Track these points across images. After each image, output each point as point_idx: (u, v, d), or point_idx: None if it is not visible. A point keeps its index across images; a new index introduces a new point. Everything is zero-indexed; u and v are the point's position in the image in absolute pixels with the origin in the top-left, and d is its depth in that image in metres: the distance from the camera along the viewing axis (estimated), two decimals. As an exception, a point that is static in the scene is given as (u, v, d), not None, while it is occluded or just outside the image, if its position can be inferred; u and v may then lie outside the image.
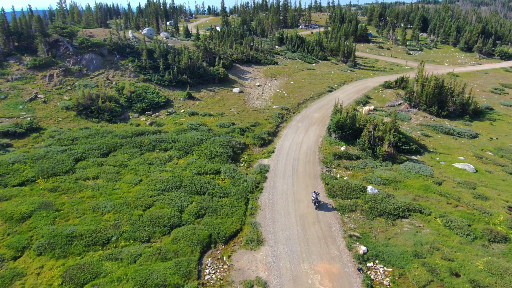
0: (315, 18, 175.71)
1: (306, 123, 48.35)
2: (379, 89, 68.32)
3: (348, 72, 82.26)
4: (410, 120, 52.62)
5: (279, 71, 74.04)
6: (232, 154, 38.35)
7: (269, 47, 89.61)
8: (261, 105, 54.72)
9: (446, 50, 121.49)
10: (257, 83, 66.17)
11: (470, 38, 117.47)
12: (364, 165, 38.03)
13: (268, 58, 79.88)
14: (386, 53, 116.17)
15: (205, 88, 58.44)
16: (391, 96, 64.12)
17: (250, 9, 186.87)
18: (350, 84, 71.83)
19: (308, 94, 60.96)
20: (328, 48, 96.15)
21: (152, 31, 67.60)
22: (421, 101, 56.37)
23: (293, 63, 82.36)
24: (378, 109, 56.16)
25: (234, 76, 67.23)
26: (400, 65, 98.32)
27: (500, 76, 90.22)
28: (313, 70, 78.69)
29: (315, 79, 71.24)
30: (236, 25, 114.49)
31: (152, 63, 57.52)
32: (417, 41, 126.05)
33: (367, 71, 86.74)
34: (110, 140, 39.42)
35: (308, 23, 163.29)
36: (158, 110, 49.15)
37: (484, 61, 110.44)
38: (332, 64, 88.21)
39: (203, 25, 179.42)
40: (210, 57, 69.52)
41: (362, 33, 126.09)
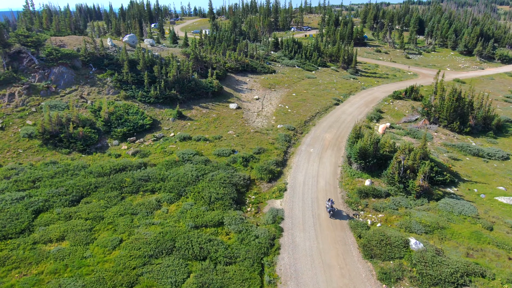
0: (306, 20, 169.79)
1: (318, 147, 41.42)
2: (388, 100, 62.17)
3: (351, 81, 76.00)
4: (432, 139, 46.44)
5: (278, 81, 67.03)
6: (236, 194, 31.04)
7: (265, 53, 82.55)
8: (263, 124, 47.54)
9: (445, 54, 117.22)
10: (255, 96, 58.98)
11: (469, 41, 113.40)
12: (397, 204, 31.37)
13: (264, 66, 72.79)
14: (385, 57, 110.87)
15: (197, 104, 50.87)
16: (404, 109, 58.01)
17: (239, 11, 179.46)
18: (357, 94, 65.47)
19: (313, 109, 54.14)
20: (327, 54, 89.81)
21: (134, 38, 59.49)
22: (441, 117, 50.35)
23: (292, 71, 75.52)
24: (394, 126, 49.83)
25: (229, 89, 59.84)
26: (402, 70, 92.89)
27: (507, 82, 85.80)
28: (314, 79, 72.05)
29: (318, 90, 64.56)
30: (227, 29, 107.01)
31: (135, 76, 49.57)
32: (415, 45, 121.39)
33: (370, 79, 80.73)
34: (82, 180, 31.50)
35: (300, 26, 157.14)
36: (143, 135, 41.35)
37: (485, 65, 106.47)
38: (333, 72, 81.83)
39: (190, 27, 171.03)
40: (201, 67, 61.93)
41: (358, 36, 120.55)
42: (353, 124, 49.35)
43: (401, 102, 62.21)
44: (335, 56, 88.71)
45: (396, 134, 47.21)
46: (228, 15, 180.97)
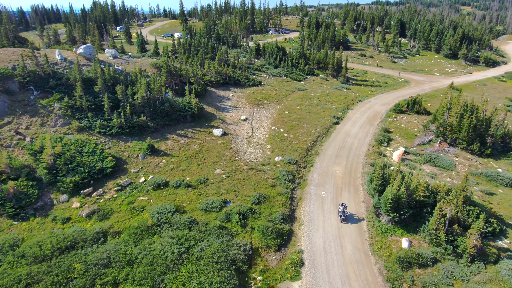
0: (284, 22, 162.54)
1: (330, 188, 33.12)
2: (391, 115, 55.24)
3: (345, 91, 68.74)
4: (456, 166, 39.57)
5: (265, 95, 58.35)
6: (236, 280, 21.99)
7: (247, 61, 73.58)
8: (256, 156, 38.64)
9: (430, 57, 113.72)
10: (242, 115, 49.96)
11: (454, 44, 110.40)
12: (450, 276, 23.66)
13: (249, 77, 63.85)
14: (370, 61, 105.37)
15: (173, 132, 41.10)
16: (412, 126, 51.18)
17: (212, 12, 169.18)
18: (355, 109, 58.08)
19: (312, 131, 45.92)
20: (314, 60, 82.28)
21: (91, 49, 48.41)
22: (459, 137, 43.74)
23: (280, 82, 67.11)
24: (409, 150, 42.61)
25: (211, 107, 50.44)
26: (392, 77, 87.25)
27: (500, 88, 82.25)
28: (305, 91, 64.02)
29: (312, 105, 56.53)
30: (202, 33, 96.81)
31: (92, 100, 39.02)
32: (399, 48, 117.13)
33: (362, 88, 73.99)
34: (7, 273, 21.19)
35: (278, 28, 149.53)
36: (103, 183, 31.21)
37: (472, 68, 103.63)
38: (323, 81, 74.32)
39: (160, 30, 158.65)
40: (176, 82, 52.08)
41: (340, 40, 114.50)
42: (362, 150, 41.63)
43: (405, 117, 55.48)
44: (323, 63, 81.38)
45: (414, 162, 39.93)
46: (200, 17, 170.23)
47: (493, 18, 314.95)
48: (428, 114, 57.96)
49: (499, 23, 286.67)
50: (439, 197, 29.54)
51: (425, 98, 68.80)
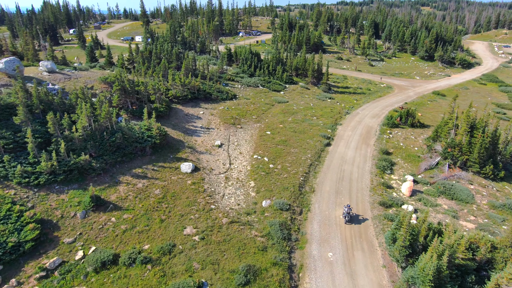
0: (254, 24, 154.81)
1: (338, 246, 25.39)
2: (386, 131, 48.85)
3: (329, 102, 61.90)
4: (474, 198, 33.39)
5: (242, 111, 49.93)
6: None
7: (218, 70, 64.69)
8: (238, 201, 30.20)
9: (407, 59, 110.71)
10: (216, 139, 41.24)
11: (430, 46, 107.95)
12: None
13: (221, 89, 55.10)
14: (348, 65, 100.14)
15: (128, 171, 31.65)
16: (411, 144, 44.91)
17: (177, 13, 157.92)
18: (344, 124, 51.19)
19: (302, 157, 38.16)
20: (292, 67, 74.95)
21: (15, 63, 37.26)
22: (470, 160, 37.83)
23: (257, 94, 58.93)
24: (418, 179, 36.01)
25: (178, 131, 41.25)
26: (373, 82, 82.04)
27: (483, 92, 79.45)
28: (287, 104, 56.32)
29: (296, 121, 48.88)
30: (166, 38, 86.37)
31: (11, 136, 28.66)
32: (375, 50, 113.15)
33: (346, 96, 67.67)
34: None
35: (249, 30, 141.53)
36: (19, 267, 21.39)
37: (449, 70, 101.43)
38: (303, 90, 67.08)
39: (120, 33, 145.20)
40: (132, 101, 42.37)
41: (315, 42, 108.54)
42: (364, 181, 34.45)
43: (400, 131, 49.30)
44: (302, 70, 74.28)
45: (427, 194, 33.28)
46: (164, 18, 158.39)
47: (452, 18, 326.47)
48: (423, 126, 52.38)
49: (459, 23, 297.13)
50: (480, 255, 22.78)
51: (413, 107, 63.57)
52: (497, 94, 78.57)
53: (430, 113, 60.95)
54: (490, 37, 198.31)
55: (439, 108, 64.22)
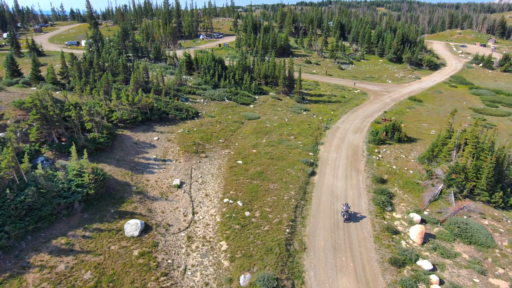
0: (216, 25, 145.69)
1: None
2: (373, 150, 42.70)
3: (304, 115, 55.05)
4: (493, 239, 27.67)
5: (207, 135, 41.34)
6: None
7: (176, 81, 55.35)
8: (207, 280, 21.78)
9: (375, 61, 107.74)
10: (174, 178, 32.41)
11: (397, 48, 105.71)
12: None
13: (180, 106, 46.04)
14: (318, 69, 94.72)
15: (44, 244, 22.06)
16: (402, 164, 38.97)
17: (131, 14, 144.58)
18: (326, 142, 44.42)
19: (284, 197, 30.56)
20: (261, 74, 67.36)
21: None
22: (477, 186, 32.40)
23: (223, 110, 50.51)
24: (425, 216, 29.77)
25: (123, 169, 31.87)
26: (347, 88, 76.88)
27: (457, 96, 77.15)
28: (259, 120, 48.54)
29: (271, 143, 41.23)
30: (114, 42, 74.87)
31: None
32: (343, 52, 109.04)
33: (321, 106, 61.40)
34: None
35: (210, 32, 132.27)
36: None
37: (418, 72, 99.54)
38: (275, 101, 59.73)
39: (65, 36, 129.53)
40: (60, 131, 32.28)
41: (282, 45, 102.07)
42: (364, 226, 27.58)
43: (388, 149, 43.39)
44: (272, 77, 66.94)
45: (441, 240, 27.04)
46: (116, 20, 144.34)
47: (408, 18, 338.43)
48: (410, 140, 47.08)
49: (413, 23, 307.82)
50: None
51: (394, 116, 58.68)
52: (470, 97, 76.62)
53: (412, 122, 56.28)
54: (446, 37, 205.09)
55: (419, 117, 59.90)
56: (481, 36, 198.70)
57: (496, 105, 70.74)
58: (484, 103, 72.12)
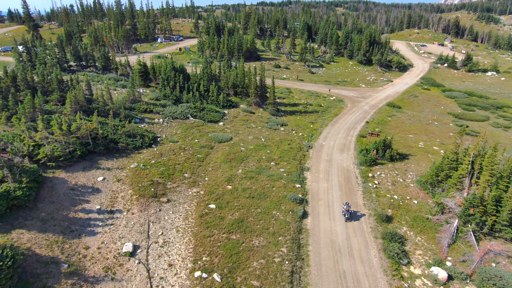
0: (175, 27, 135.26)
1: None
2: (367, 174, 36.81)
3: (281, 130, 48.22)
4: (532, 294, 22.44)
5: (168, 168, 32.95)
6: None
7: (129, 97, 46.01)
8: None
9: (345, 64, 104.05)
10: (124, 241, 23.89)
11: (367, 49, 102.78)
12: None
13: (134, 130, 37.08)
14: (288, 74, 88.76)
15: None
16: (402, 190, 33.34)
17: (77, 15, 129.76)
18: (312, 166, 37.83)
19: (276, 261, 23.42)
20: (229, 83, 59.66)
21: None
22: (498, 221, 27.34)
23: (187, 131, 42.15)
24: (449, 270, 23.93)
25: (50, 234, 22.84)
26: (321, 95, 71.49)
27: (433, 99, 74.65)
28: (231, 143, 40.83)
29: (250, 174, 33.84)
30: (50, 46, 62.81)
31: None
32: (313, 55, 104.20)
33: (298, 118, 55.11)
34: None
35: (169, 35, 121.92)
36: None
37: (388, 75, 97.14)
38: (247, 115, 52.32)
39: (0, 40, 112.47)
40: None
41: (249, 48, 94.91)
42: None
43: (383, 172, 37.70)
44: (242, 87, 59.50)
45: (476, 305, 21.23)
46: (61, 21, 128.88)
47: (366, 18, 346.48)
48: (402, 157, 41.94)
49: (371, 23, 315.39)
50: None
51: (376, 126, 53.82)
52: (446, 100, 74.47)
53: (397, 133, 51.65)
54: (405, 36, 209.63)
55: (402, 126, 55.57)
56: (438, 36, 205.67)
57: (473, 108, 68.87)
58: (460, 107, 70.04)
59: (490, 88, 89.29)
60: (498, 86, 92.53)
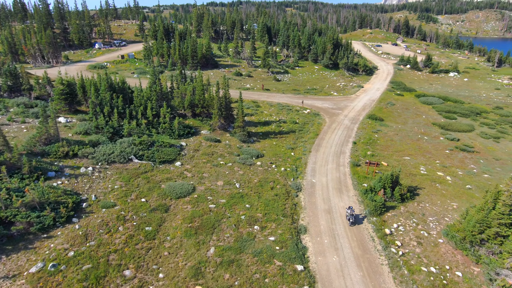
0: (117, 30, 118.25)
1: None
2: (382, 228, 27.50)
3: (258, 166, 37.42)
4: None
5: (96, 265, 20.51)
6: None
7: (41, 136, 31.94)
8: None
9: (311, 69, 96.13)
10: None
11: (332, 52, 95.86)
12: None
13: (42, 199, 23.85)
14: (251, 83, 78.36)
15: None
16: (438, 256, 24.51)
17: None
18: (310, 226, 27.59)
19: None
20: (185, 103, 47.45)
21: None
22: None
23: (129, 183, 29.49)
24: None
25: None
26: (293, 108, 62.13)
27: (411, 107, 68.77)
28: (194, 197, 29.09)
29: (226, 257, 22.74)
30: None
31: None
32: (275, 59, 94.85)
33: (274, 143, 44.87)
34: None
35: (109, 39, 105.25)
36: None
37: (357, 79, 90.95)
38: (212, 146, 40.69)
39: None
40: None
41: (204, 54, 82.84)
42: None
43: (398, 221, 28.74)
44: (202, 106, 47.75)
45: None
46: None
47: (317, 18, 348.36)
48: (412, 194, 33.50)
49: (323, 23, 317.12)
50: None
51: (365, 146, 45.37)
52: (423, 108, 69.10)
53: (391, 156, 43.74)
54: (359, 36, 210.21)
55: (393, 145, 47.88)
56: (390, 35, 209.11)
57: (453, 116, 63.97)
58: (441, 115, 64.82)
59: (458, 90, 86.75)
60: (465, 88, 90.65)
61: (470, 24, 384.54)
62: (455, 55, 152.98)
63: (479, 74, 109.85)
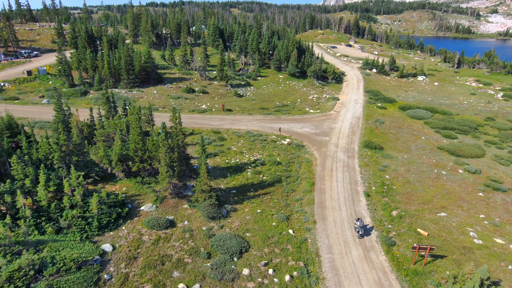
0: (28, 35, 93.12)
1: None
2: None
3: (245, 277, 21.75)
4: None
5: None
6: None
7: None
8: None
9: (275, 78, 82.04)
10: None
11: (298, 59, 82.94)
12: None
13: None
14: (208, 101, 61.96)
15: None
16: None
17: None
18: None
19: None
20: (113, 157, 29.80)
21: None
22: None
23: None
24: None
25: None
26: (268, 137, 47.40)
27: (402, 125, 57.80)
28: None
29: None
30: None
31: None
32: (233, 68, 79.18)
33: (257, 213, 29.66)
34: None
35: (15, 49, 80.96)
36: None
37: (328, 89, 79.09)
38: (160, 236, 23.97)
39: None
40: None
41: (144, 66, 64.34)
42: None
43: None
44: (142, 161, 30.52)
45: None
46: None
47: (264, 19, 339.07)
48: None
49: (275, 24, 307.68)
50: None
51: (384, 202, 32.07)
52: (417, 125, 58.66)
53: (422, 212, 31.07)
54: (311, 37, 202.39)
55: (414, 191, 35.42)
56: (342, 36, 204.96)
57: (453, 134, 54.26)
58: (439, 133, 54.78)
59: (437, 98, 79.08)
60: (440, 93, 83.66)
61: (406, 23, 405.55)
62: (410, 55, 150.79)
63: (444, 76, 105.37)
